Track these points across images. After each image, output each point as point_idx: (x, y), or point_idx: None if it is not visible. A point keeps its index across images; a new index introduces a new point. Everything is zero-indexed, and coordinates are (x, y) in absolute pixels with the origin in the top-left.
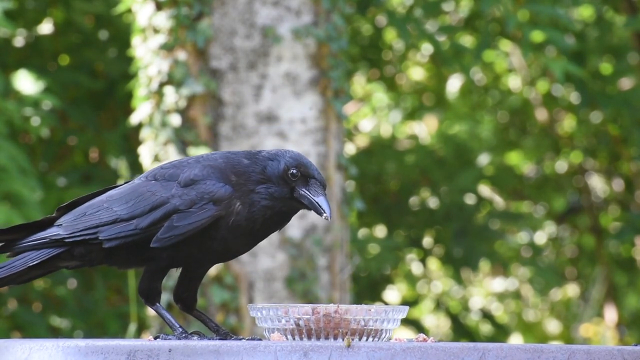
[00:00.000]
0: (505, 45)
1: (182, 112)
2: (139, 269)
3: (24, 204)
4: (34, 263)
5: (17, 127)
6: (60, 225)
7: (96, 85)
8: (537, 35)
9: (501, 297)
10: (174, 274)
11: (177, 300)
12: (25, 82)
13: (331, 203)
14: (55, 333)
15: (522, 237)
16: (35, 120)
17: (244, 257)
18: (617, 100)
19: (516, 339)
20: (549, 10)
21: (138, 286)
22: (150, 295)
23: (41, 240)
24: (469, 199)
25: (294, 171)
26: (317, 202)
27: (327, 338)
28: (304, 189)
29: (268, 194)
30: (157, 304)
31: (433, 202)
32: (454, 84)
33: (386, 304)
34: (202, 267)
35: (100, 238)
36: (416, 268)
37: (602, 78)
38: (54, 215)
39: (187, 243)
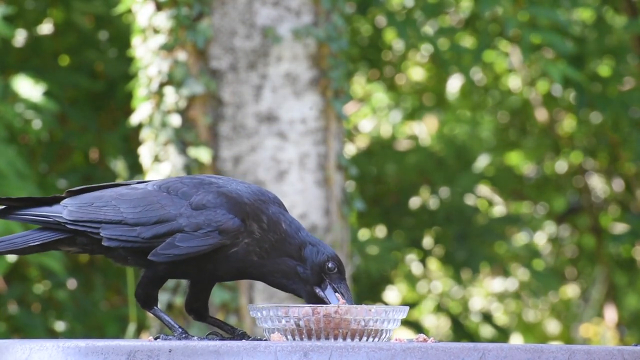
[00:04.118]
0: (505, 45)
1: (182, 113)
2: (137, 269)
3: None
4: (35, 244)
5: (16, 130)
6: (66, 207)
7: (96, 86)
8: (537, 38)
9: (501, 297)
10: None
11: (189, 310)
12: (25, 86)
13: (331, 203)
14: (54, 335)
15: (522, 237)
16: (37, 124)
17: None
18: (615, 103)
19: (516, 339)
20: (548, 13)
21: (135, 291)
22: (146, 301)
23: (43, 218)
24: (469, 201)
25: (332, 265)
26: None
27: (327, 338)
28: (335, 286)
29: (295, 272)
30: (155, 307)
31: (433, 203)
32: (454, 84)
33: (386, 304)
34: (203, 281)
35: (101, 234)
36: (416, 268)
37: (601, 80)
38: (62, 195)
39: (184, 262)
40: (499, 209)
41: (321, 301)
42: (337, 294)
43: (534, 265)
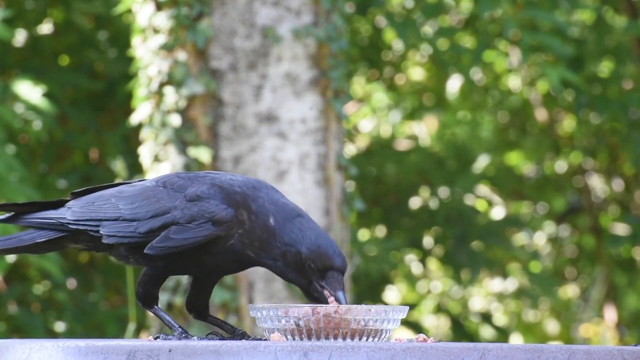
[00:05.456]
0: (505, 45)
1: (182, 112)
2: (138, 268)
3: None
4: (41, 240)
5: (16, 131)
6: (70, 208)
7: (96, 86)
8: (536, 40)
9: (501, 297)
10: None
11: (189, 309)
12: (24, 88)
13: (331, 203)
14: (54, 336)
15: (521, 238)
16: (37, 124)
17: None
18: (614, 104)
19: (516, 339)
20: (547, 16)
21: (135, 290)
22: (147, 300)
23: (49, 220)
24: (469, 201)
25: (312, 265)
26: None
27: (327, 338)
28: (321, 283)
29: (284, 274)
30: (155, 307)
31: (433, 203)
32: (454, 84)
33: (386, 304)
34: (205, 278)
35: (101, 232)
36: (416, 268)
37: (600, 81)
38: (68, 198)
39: (181, 255)
40: (499, 209)
41: (317, 301)
42: (325, 291)
43: (532, 268)
